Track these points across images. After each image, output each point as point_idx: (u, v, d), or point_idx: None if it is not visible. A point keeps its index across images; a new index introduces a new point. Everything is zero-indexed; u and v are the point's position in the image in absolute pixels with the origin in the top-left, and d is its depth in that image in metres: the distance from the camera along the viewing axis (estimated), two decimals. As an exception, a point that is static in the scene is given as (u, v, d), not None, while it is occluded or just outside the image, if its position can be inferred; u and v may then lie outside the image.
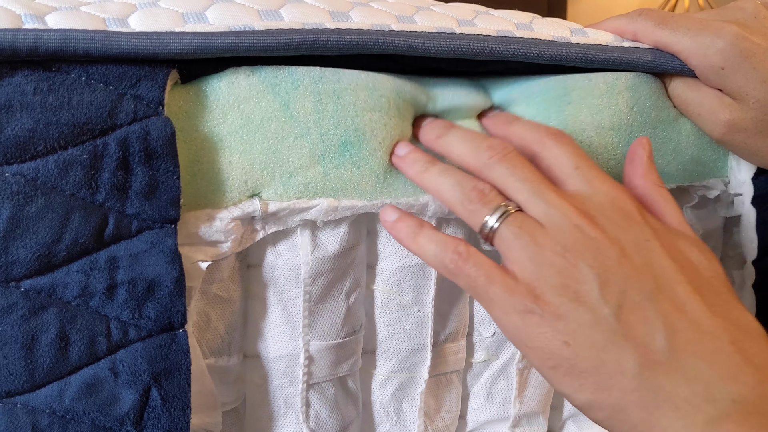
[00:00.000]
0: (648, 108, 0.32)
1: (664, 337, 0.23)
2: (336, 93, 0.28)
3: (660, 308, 0.24)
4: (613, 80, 0.32)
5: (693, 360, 0.23)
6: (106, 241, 0.25)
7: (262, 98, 0.27)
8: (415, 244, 0.27)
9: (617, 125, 0.32)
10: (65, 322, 0.25)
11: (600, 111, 0.32)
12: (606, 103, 0.32)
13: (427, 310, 0.31)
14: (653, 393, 0.23)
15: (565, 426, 0.37)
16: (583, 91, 0.32)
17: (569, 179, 0.27)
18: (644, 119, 0.32)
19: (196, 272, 0.27)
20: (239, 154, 0.27)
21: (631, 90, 0.32)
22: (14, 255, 0.24)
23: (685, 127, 0.33)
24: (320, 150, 0.28)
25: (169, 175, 0.26)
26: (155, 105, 0.26)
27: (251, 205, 0.27)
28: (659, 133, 0.33)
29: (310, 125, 0.28)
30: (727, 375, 0.23)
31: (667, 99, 0.33)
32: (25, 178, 0.24)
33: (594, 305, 0.24)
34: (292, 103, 0.27)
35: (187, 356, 0.26)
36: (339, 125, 0.28)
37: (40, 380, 0.25)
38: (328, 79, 0.28)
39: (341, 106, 0.28)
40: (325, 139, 0.28)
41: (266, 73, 0.27)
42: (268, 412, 0.30)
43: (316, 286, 0.29)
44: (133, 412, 0.26)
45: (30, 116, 0.24)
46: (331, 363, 0.30)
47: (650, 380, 0.23)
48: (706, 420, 0.22)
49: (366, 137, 0.28)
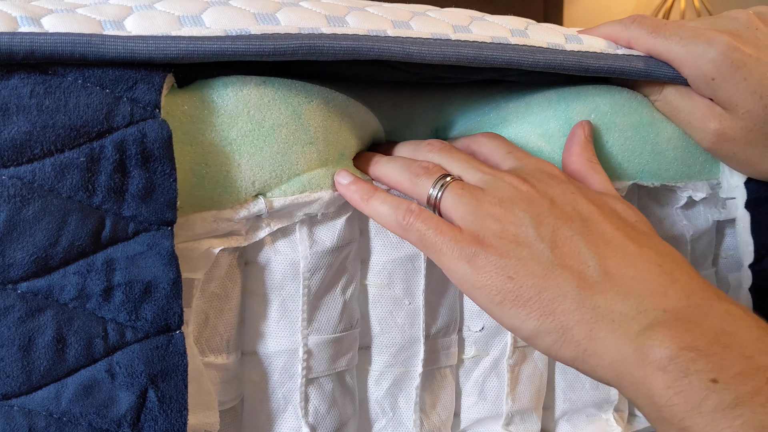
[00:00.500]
0: (608, 114, 0.33)
1: (596, 262, 0.26)
2: (341, 116, 0.30)
3: (589, 240, 0.27)
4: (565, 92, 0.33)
5: (624, 280, 0.26)
6: (103, 244, 0.25)
7: (273, 106, 0.28)
8: (368, 206, 0.29)
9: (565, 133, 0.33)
10: (62, 324, 0.25)
11: (546, 121, 0.33)
12: (553, 117, 0.33)
13: (418, 302, 0.32)
14: (592, 310, 0.25)
15: (558, 426, 0.38)
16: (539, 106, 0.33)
17: (503, 162, 0.31)
18: (606, 125, 0.33)
19: (203, 261, 0.27)
20: (248, 157, 0.27)
21: (584, 103, 0.33)
22: (11, 257, 0.24)
23: (666, 130, 0.34)
24: (325, 156, 0.29)
25: (166, 177, 0.26)
26: (152, 108, 0.26)
27: (257, 204, 0.28)
28: (632, 135, 0.34)
29: (318, 135, 0.29)
30: (656, 291, 0.25)
31: (640, 103, 0.34)
32: (21, 181, 0.24)
33: (531, 242, 0.26)
34: (303, 114, 0.28)
35: (183, 357, 0.26)
36: (339, 141, 0.30)
37: (36, 382, 0.25)
38: (337, 102, 0.30)
39: (343, 127, 0.30)
40: (329, 149, 0.29)
41: (278, 84, 0.28)
42: (267, 409, 0.31)
43: (314, 280, 0.29)
44: (130, 414, 0.26)
45: (26, 119, 0.24)
46: (330, 358, 0.31)
47: (588, 299, 0.25)
48: (639, 329, 0.24)
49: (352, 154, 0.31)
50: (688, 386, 0.22)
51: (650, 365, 0.23)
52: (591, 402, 0.37)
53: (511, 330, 0.27)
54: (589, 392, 0.37)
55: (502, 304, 0.26)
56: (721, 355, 0.23)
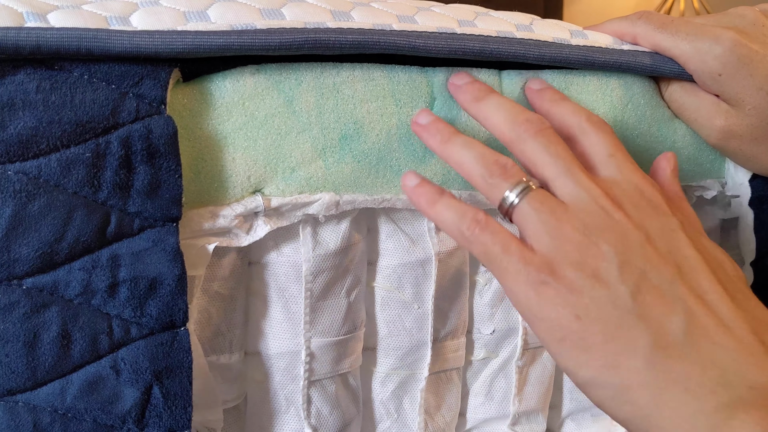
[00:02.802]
0: (642, 106, 0.33)
1: (682, 320, 0.23)
2: (335, 86, 0.28)
3: (680, 292, 0.23)
4: (606, 78, 0.32)
5: (710, 346, 0.22)
6: (108, 240, 0.25)
7: (266, 95, 0.27)
8: (433, 211, 0.26)
9: (612, 122, 0.33)
10: (67, 320, 0.25)
11: (596, 107, 0.32)
12: (600, 99, 0.32)
13: (427, 307, 0.32)
14: (663, 374, 0.22)
15: (564, 425, 0.37)
16: (579, 87, 0.32)
17: (602, 166, 0.27)
18: (639, 117, 0.33)
19: (201, 258, 0.27)
20: (243, 150, 0.27)
21: (624, 87, 0.33)
22: (16, 253, 0.24)
23: (681, 127, 0.34)
24: (321, 144, 0.28)
25: (171, 173, 0.26)
26: (157, 104, 0.26)
27: (254, 201, 0.27)
28: (654, 132, 0.33)
29: (312, 120, 0.28)
30: (746, 362, 0.22)
31: (660, 99, 0.34)
32: (27, 177, 0.24)
33: (611, 283, 0.23)
34: (295, 99, 0.27)
35: (188, 354, 0.26)
36: (339, 119, 0.28)
37: (41, 378, 0.25)
38: (328, 73, 0.28)
39: (341, 99, 0.28)
40: (326, 134, 0.28)
41: (271, 70, 0.27)
42: (270, 410, 0.30)
43: (317, 283, 0.29)
44: (135, 410, 0.26)
45: (33, 114, 0.24)
46: (332, 360, 0.30)
47: (662, 361, 0.22)
48: (718, 405, 0.21)
49: (364, 129, 0.29)
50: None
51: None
52: (597, 402, 0.37)
53: (565, 371, 0.24)
54: (596, 392, 0.37)
55: (562, 342, 0.23)
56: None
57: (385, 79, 0.29)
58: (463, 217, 0.26)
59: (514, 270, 0.24)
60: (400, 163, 0.30)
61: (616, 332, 0.23)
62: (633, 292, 0.23)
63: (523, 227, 0.25)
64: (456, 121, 0.30)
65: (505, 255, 0.24)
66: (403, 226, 0.31)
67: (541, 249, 0.24)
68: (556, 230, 0.24)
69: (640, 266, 0.24)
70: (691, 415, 0.21)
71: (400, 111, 0.29)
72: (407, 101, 0.29)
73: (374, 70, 0.29)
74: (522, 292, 0.24)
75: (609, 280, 0.23)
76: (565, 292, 0.23)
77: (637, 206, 0.25)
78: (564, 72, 0.32)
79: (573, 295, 0.23)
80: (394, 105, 0.29)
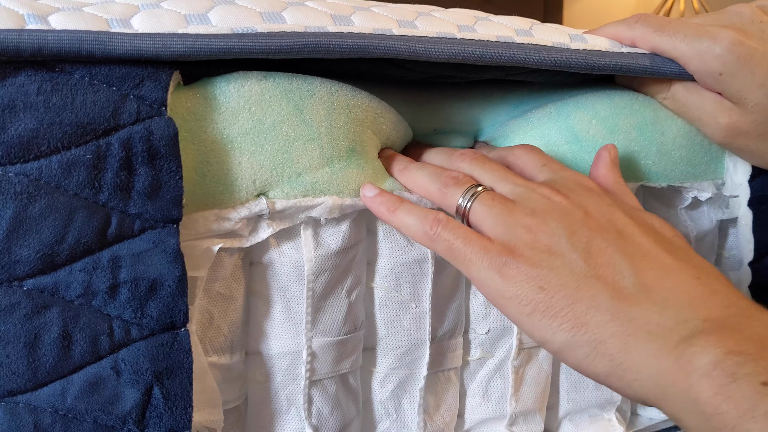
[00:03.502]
0: (609, 117, 0.33)
1: (632, 273, 0.25)
2: (348, 107, 0.29)
3: (625, 251, 0.26)
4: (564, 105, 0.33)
5: (661, 292, 0.25)
6: (109, 241, 0.25)
7: (275, 102, 0.27)
8: (395, 218, 0.28)
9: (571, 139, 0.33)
10: (68, 321, 0.25)
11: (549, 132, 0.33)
12: (554, 126, 0.33)
13: (424, 306, 0.32)
14: (627, 322, 0.24)
15: (561, 425, 0.38)
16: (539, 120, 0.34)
17: (538, 174, 0.30)
18: (609, 128, 0.33)
19: (205, 259, 0.27)
20: (249, 155, 0.27)
21: (585, 107, 0.33)
22: (17, 254, 0.24)
23: (671, 130, 0.34)
24: (329, 154, 0.29)
25: (172, 175, 0.26)
26: (158, 105, 0.26)
27: (258, 204, 0.27)
28: (636, 137, 0.34)
29: (321, 131, 0.28)
30: (695, 302, 0.24)
31: (642, 104, 0.34)
32: (28, 178, 0.24)
33: (564, 252, 0.26)
34: (306, 108, 0.28)
35: (189, 355, 0.26)
36: (348, 135, 0.29)
37: (42, 379, 0.25)
38: (343, 94, 0.29)
39: (351, 119, 0.29)
40: (334, 145, 0.29)
41: (280, 79, 0.28)
42: (270, 410, 0.30)
43: (318, 283, 0.29)
44: (135, 411, 0.26)
45: (33, 116, 0.24)
46: (333, 360, 0.30)
47: (623, 311, 0.24)
48: (678, 339, 0.23)
49: (366, 148, 0.30)
50: (738, 391, 0.21)
51: (694, 373, 0.22)
52: (594, 402, 0.37)
53: (541, 343, 0.26)
54: (593, 392, 0.37)
55: (533, 314, 0.25)
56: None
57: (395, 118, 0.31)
58: (425, 218, 0.28)
59: (477, 259, 0.26)
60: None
61: (577, 294, 0.25)
62: (584, 257, 0.26)
63: (479, 225, 0.28)
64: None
65: (467, 246, 0.27)
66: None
67: (498, 237, 0.27)
68: (508, 219, 0.27)
69: (585, 235, 0.26)
70: (656, 352, 0.23)
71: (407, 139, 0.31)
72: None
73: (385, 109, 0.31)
74: (488, 276, 0.26)
75: (562, 250, 0.26)
76: (526, 268, 0.26)
77: (573, 190, 0.28)
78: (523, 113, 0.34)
79: (533, 269, 0.25)
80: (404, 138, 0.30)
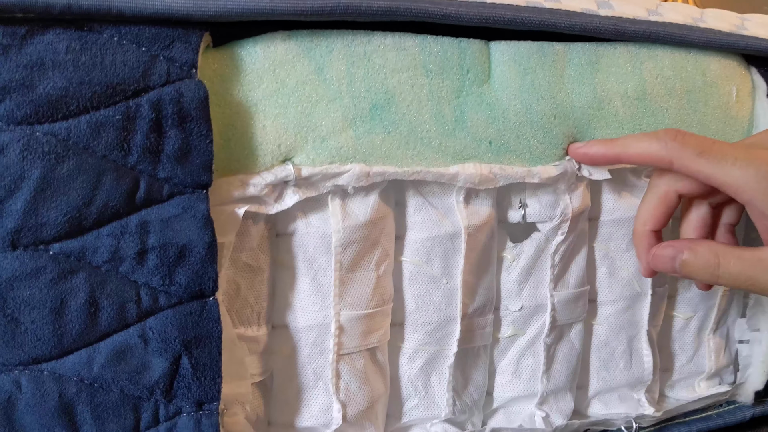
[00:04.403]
0: (672, 78, 0.33)
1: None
2: (366, 55, 0.28)
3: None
4: (636, 50, 0.32)
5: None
6: (138, 205, 0.25)
7: (297, 62, 0.27)
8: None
9: (641, 95, 0.32)
10: (95, 288, 0.24)
11: (626, 80, 0.32)
12: (630, 72, 0.32)
13: (456, 281, 0.31)
14: None
15: (591, 405, 0.37)
16: (609, 59, 0.32)
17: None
18: (668, 89, 0.33)
19: (231, 224, 0.26)
20: (273, 118, 0.27)
21: (654, 59, 0.32)
22: (44, 217, 0.24)
23: (714, 98, 0.34)
24: (352, 114, 0.28)
25: (202, 138, 0.25)
26: (188, 67, 0.25)
27: (284, 170, 0.27)
28: (685, 104, 0.33)
29: (342, 89, 0.27)
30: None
31: (695, 66, 0.33)
32: (56, 138, 0.23)
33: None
34: (326, 66, 0.27)
35: (218, 324, 0.26)
36: (370, 88, 0.28)
37: (68, 346, 0.24)
38: (359, 41, 0.28)
39: (371, 69, 0.28)
40: (356, 103, 0.28)
41: (302, 36, 0.27)
42: (297, 384, 0.30)
43: (347, 254, 0.29)
44: (163, 381, 0.25)
45: (62, 75, 0.24)
46: (361, 333, 0.30)
47: None
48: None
49: (395, 100, 0.28)
50: None
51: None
52: (624, 382, 0.36)
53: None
54: (623, 372, 0.36)
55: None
56: None
57: (416, 48, 0.28)
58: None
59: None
60: (431, 135, 0.29)
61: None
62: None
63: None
64: (487, 95, 0.30)
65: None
66: (432, 200, 0.31)
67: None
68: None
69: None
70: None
71: (430, 82, 0.29)
72: (438, 72, 0.29)
73: (406, 39, 0.28)
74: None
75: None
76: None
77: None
78: (594, 44, 0.31)
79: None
80: (425, 76, 0.29)
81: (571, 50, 0.31)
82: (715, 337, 0.38)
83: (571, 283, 0.34)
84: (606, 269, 0.35)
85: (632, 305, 0.35)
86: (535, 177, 0.31)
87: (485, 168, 0.30)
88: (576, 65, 0.31)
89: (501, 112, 0.30)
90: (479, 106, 0.30)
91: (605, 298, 0.35)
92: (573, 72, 0.31)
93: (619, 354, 0.36)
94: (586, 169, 0.32)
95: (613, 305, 0.35)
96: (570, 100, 0.31)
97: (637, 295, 0.35)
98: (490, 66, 0.30)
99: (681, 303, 0.38)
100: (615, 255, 0.35)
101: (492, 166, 0.30)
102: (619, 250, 0.35)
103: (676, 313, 0.38)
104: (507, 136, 0.31)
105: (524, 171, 0.31)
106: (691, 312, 0.38)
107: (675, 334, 0.38)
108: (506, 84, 0.30)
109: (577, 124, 0.32)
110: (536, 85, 0.31)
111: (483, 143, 0.30)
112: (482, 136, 0.30)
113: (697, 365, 0.38)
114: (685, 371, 0.38)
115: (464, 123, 0.30)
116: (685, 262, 0.29)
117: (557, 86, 0.31)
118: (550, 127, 0.31)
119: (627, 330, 0.36)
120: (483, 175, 0.30)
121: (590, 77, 0.32)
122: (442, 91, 0.29)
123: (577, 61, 0.31)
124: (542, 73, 0.31)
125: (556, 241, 0.33)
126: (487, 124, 0.30)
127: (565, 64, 0.31)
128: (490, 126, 0.30)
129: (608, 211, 0.34)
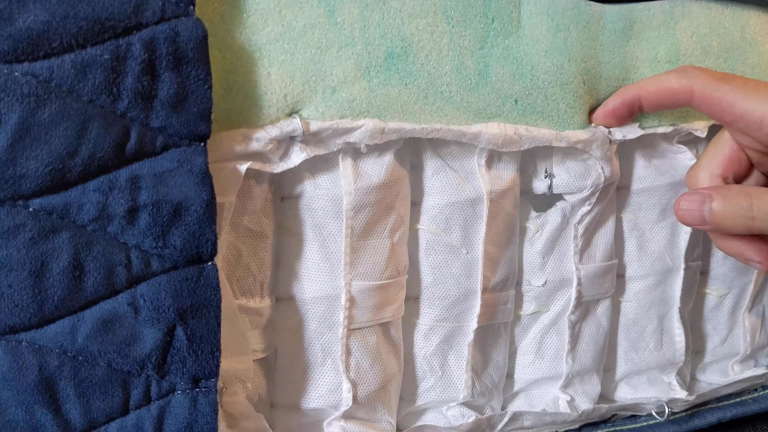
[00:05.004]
0: (707, 35, 0.31)
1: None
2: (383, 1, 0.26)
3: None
4: (671, 8, 0.30)
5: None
6: (128, 158, 0.22)
7: (306, 3, 0.24)
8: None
9: (674, 57, 0.31)
10: (79, 249, 0.22)
11: (657, 44, 0.30)
12: (663, 34, 0.30)
13: (476, 252, 0.29)
14: None
15: (618, 388, 0.35)
16: (643, 24, 0.30)
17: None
18: (704, 48, 0.31)
19: (232, 182, 0.24)
20: (279, 65, 0.24)
21: (689, 17, 0.31)
22: (23, 167, 0.21)
23: (751, 58, 0.32)
24: (366, 62, 0.25)
25: (200, 83, 0.23)
26: (185, 4, 0.23)
27: (291, 123, 0.24)
28: (720, 63, 0.32)
29: (355, 34, 0.25)
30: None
31: (733, 22, 0.32)
32: (37, 79, 0.21)
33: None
34: (337, 9, 0.25)
35: (216, 292, 0.23)
36: (385, 35, 0.26)
37: (49, 314, 0.22)
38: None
39: (387, 13, 0.26)
40: (370, 50, 0.25)
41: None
42: (303, 361, 0.27)
43: (359, 219, 0.26)
44: (155, 354, 0.23)
45: (44, 8, 0.21)
46: (374, 307, 0.27)
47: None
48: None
49: (413, 48, 0.26)
50: None
51: None
52: (654, 363, 0.34)
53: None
54: (653, 353, 0.34)
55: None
56: None
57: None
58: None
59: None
60: (452, 90, 0.27)
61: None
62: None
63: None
64: (514, 48, 0.28)
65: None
66: (452, 162, 0.28)
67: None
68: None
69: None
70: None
71: (452, 30, 0.26)
72: (460, 19, 0.26)
73: None
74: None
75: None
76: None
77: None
78: (629, 6, 0.30)
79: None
80: (446, 23, 0.26)
81: (607, 13, 0.30)
82: (751, 316, 0.36)
83: (599, 256, 0.31)
84: (635, 242, 0.33)
85: (663, 281, 0.33)
86: (563, 141, 0.29)
87: (510, 128, 0.27)
88: (610, 32, 0.30)
89: (529, 68, 0.28)
90: (505, 59, 0.28)
91: (634, 273, 0.33)
92: (606, 39, 0.30)
93: (648, 333, 0.34)
94: (619, 132, 0.30)
95: (643, 281, 0.33)
96: (598, 69, 0.30)
97: (669, 270, 0.33)
98: (520, 17, 0.28)
99: (714, 279, 0.36)
100: (645, 226, 0.33)
101: (517, 127, 0.28)
102: (650, 221, 0.33)
103: (708, 290, 0.36)
104: (534, 95, 0.28)
105: (552, 134, 0.28)
106: (725, 289, 0.36)
107: (708, 313, 0.36)
108: (536, 39, 0.28)
109: (599, 98, 0.30)
110: (569, 45, 0.29)
111: (508, 101, 0.28)
112: (507, 93, 0.28)
113: (731, 346, 0.36)
114: (719, 353, 0.36)
115: (488, 77, 0.27)
116: (714, 209, 0.27)
117: (590, 51, 0.29)
118: (581, 92, 0.29)
119: (657, 308, 0.33)
120: (507, 135, 0.27)
121: (621, 46, 0.30)
122: (465, 41, 0.27)
123: (611, 27, 0.30)
124: (576, 33, 0.29)
125: (582, 212, 0.30)
126: (513, 80, 0.28)
127: (600, 29, 0.29)
128: (517, 82, 0.28)
129: (638, 179, 0.32)
